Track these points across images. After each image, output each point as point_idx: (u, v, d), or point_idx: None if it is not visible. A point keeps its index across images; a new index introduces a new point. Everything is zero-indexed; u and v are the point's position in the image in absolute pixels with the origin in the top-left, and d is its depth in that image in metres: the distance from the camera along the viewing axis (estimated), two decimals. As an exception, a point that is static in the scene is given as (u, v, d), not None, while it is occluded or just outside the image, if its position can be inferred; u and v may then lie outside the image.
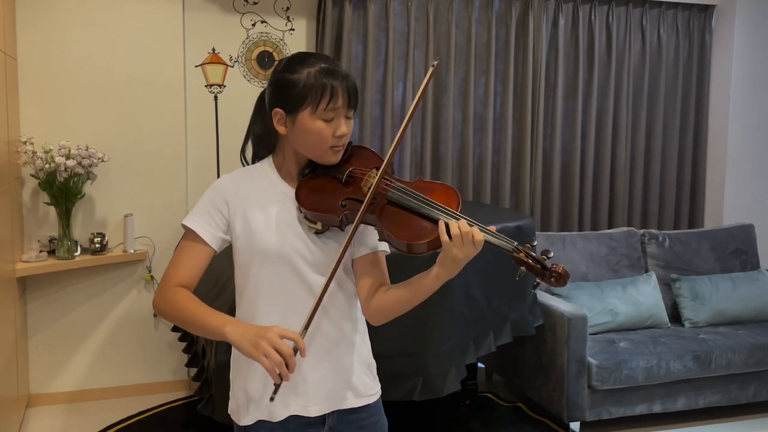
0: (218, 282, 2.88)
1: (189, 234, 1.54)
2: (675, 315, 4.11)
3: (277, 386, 1.37)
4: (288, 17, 4.17)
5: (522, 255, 1.44)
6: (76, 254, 3.70)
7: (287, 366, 1.35)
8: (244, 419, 1.57)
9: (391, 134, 4.22)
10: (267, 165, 1.61)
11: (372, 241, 1.59)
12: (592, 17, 4.55)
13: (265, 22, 4.13)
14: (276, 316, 1.53)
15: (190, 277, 1.52)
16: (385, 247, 1.61)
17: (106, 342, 3.98)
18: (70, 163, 3.52)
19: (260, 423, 1.55)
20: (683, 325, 4.01)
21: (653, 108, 4.77)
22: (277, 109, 1.53)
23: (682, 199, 4.89)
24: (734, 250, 4.41)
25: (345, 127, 1.52)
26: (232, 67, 4.11)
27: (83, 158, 3.58)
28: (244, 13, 4.09)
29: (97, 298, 3.94)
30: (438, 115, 4.37)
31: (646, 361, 3.47)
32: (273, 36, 4.15)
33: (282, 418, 1.55)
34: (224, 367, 2.56)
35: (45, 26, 3.74)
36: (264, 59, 4.14)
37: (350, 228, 1.49)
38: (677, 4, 4.73)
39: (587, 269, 4.08)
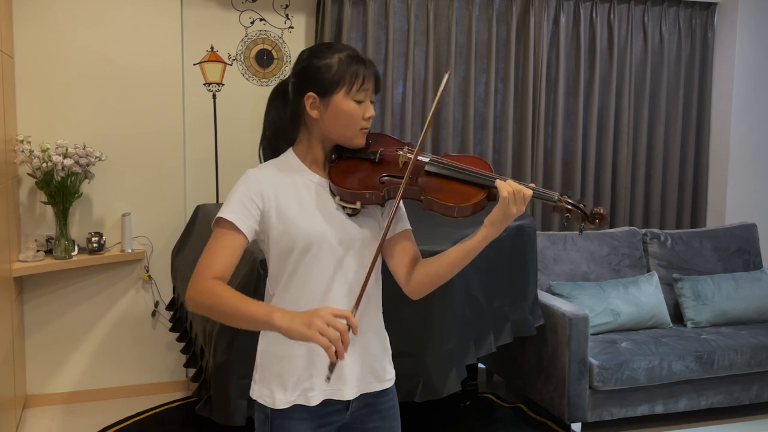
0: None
1: (224, 225, 1.55)
2: (677, 315, 4.08)
3: (332, 365, 1.41)
4: (287, 15, 4.14)
5: (563, 203, 1.57)
6: (73, 254, 3.67)
7: (342, 342, 1.38)
8: (279, 403, 1.61)
9: (391, 133, 4.19)
10: (290, 156, 1.66)
11: (403, 219, 1.70)
12: (594, 15, 4.52)
13: (264, 19, 4.10)
14: (316, 301, 1.59)
15: (226, 269, 1.53)
16: (409, 225, 1.71)
17: (104, 342, 3.96)
18: (68, 162, 3.49)
19: (295, 407, 1.61)
20: (685, 326, 3.99)
21: (655, 106, 4.74)
22: (311, 94, 1.59)
23: (685, 198, 4.86)
24: (737, 250, 4.38)
25: (373, 110, 1.62)
26: (231, 65, 4.08)
27: (80, 157, 3.55)
28: (242, 11, 4.07)
29: (95, 298, 3.91)
30: (438, 114, 4.34)
31: (648, 361, 3.45)
32: (272, 34, 4.12)
33: (317, 403, 1.62)
34: (223, 368, 2.55)
35: (42, 24, 3.71)
36: (263, 57, 4.11)
37: (391, 203, 1.60)
38: (679, 1, 4.70)
39: (589, 269, 4.05)
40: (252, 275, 2.54)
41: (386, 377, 1.72)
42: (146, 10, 3.85)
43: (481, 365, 4.21)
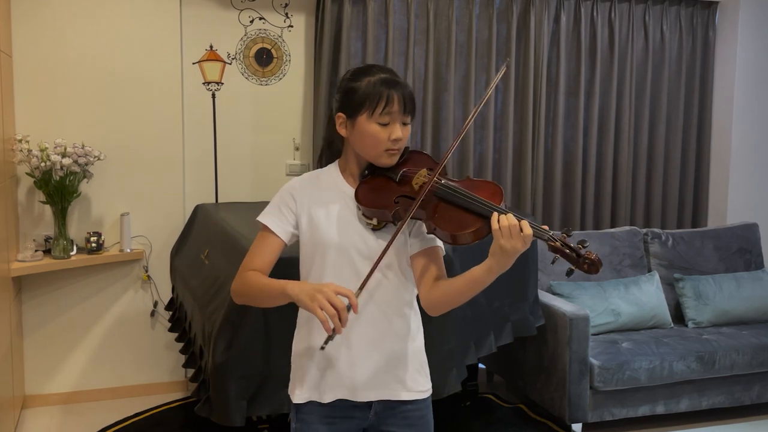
0: (217, 281, 2.85)
1: (263, 228, 1.74)
2: (678, 315, 4.07)
3: (328, 337, 1.52)
4: (286, 14, 4.13)
5: (558, 244, 1.56)
6: (72, 254, 3.66)
7: (340, 319, 1.48)
8: (298, 398, 1.76)
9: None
10: (333, 167, 1.79)
11: (429, 237, 1.72)
12: (594, 14, 4.51)
13: (264, 18, 4.09)
14: None
15: (263, 264, 1.71)
16: (440, 243, 1.74)
17: (103, 342, 3.95)
18: (66, 161, 3.48)
19: (311, 403, 1.74)
20: (686, 326, 3.97)
21: (656, 106, 4.73)
22: (340, 114, 1.71)
23: (686, 198, 4.85)
24: (738, 250, 4.37)
25: (400, 132, 1.67)
26: (230, 64, 4.06)
27: (79, 156, 3.54)
28: (242, 10, 4.05)
29: (94, 297, 3.90)
30: (438, 113, 4.33)
31: (649, 361, 3.43)
32: (271, 33, 4.11)
33: (330, 401, 1.72)
34: (222, 368, 2.54)
35: (40, 22, 3.70)
36: (262, 56, 4.10)
37: (408, 222, 1.65)
38: (680, 0, 4.68)
39: (589, 269, 4.03)
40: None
41: (417, 388, 1.77)
42: (145, 9, 3.84)
43: (481, 365, 4.20)
